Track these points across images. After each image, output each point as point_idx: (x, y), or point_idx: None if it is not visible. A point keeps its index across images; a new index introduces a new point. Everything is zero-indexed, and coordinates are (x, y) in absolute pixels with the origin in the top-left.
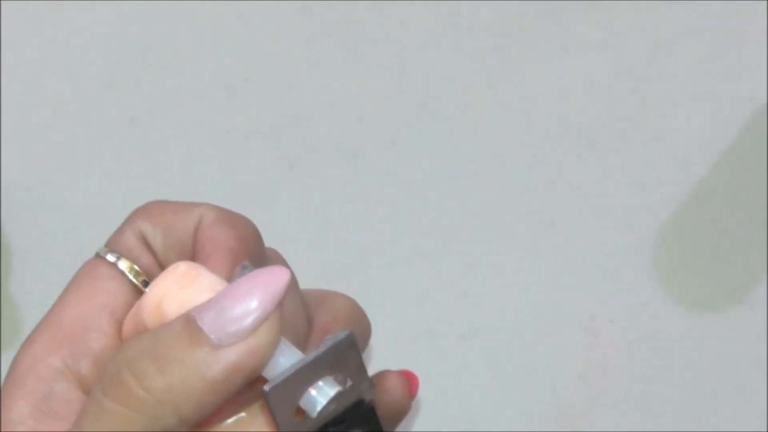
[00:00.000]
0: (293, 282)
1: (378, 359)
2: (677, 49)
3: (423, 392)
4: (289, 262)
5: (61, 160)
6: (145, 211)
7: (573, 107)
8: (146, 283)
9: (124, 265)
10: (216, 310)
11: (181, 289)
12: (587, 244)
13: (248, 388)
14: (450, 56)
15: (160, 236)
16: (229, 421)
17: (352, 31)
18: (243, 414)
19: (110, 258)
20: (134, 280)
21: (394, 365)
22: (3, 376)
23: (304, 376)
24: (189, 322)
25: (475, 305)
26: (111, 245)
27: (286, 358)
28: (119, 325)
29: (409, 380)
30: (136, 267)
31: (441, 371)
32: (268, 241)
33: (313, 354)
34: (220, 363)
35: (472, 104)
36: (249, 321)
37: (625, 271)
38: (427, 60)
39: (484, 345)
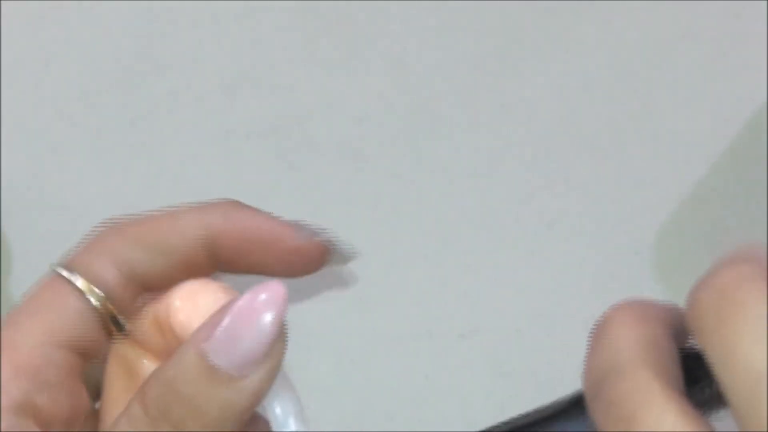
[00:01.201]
0: None
1: (378, 359)
2: (677, 49)
3: (423, 392)
4: None
5: (61, 160)
6: (123, 233)
7: (573, 107)
8: (115, 319)
9: (84, 287)
10: (225, 341)
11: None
12: (587, 244)
13: None
14: (450, 56)
15: (149, 261)
16: None
17: (353, 31)
18: None
19: (72, 280)
20: (100, 310)
21: (395, 365)
22: None
23: None
24: (202, 360)
25: (475, 305)
26: (79, 267)
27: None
28: (79, 358)
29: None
30: (96, 291)
31: (441, 371)
32: None
33: None
34: (246, 391)
35: (472, 104)
36: (263, 348)
37: (625, 271)
38: (427, 60)
39: (484, 345)
